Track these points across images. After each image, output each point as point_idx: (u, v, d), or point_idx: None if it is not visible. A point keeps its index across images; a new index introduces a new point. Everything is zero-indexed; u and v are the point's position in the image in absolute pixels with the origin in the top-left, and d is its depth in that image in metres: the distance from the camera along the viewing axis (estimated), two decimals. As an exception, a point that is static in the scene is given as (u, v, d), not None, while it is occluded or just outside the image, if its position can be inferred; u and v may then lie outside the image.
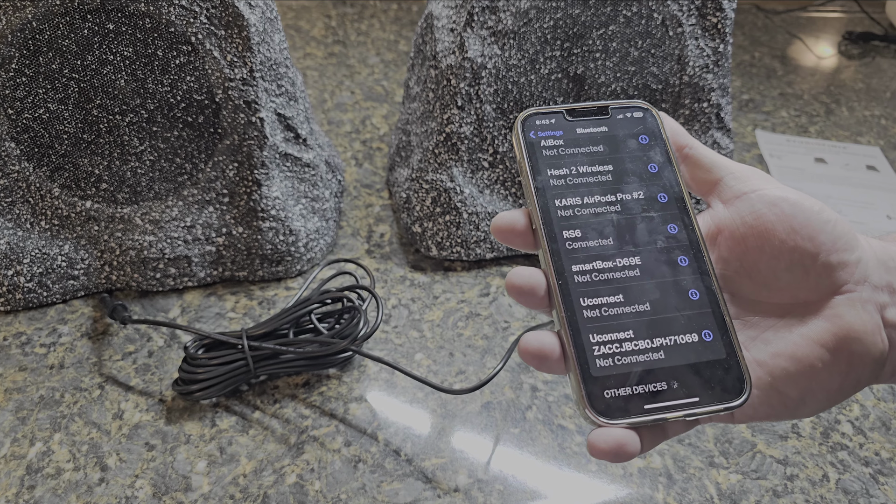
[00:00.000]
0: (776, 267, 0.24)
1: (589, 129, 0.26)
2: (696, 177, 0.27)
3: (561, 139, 0.26)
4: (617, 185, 0.26)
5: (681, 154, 0.27)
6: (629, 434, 0.22)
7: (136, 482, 0.38)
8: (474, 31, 0.47)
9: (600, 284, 0.24)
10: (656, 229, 0.25)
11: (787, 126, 0.75)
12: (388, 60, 0.81)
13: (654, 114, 0.27)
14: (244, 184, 0.48)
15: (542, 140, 0.26)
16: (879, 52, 0.91)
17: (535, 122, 0.26)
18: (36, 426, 0.41)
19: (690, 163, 0.27)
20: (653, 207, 0.25)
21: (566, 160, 0.26)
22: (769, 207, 0.24)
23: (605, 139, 0.26)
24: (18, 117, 0.44)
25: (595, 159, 0.26)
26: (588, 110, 0.27)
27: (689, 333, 0.24)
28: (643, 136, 0.27)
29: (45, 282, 0.48)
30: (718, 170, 0.26)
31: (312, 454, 0.40)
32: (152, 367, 0.45)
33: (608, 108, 0.27)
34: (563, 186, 0.25)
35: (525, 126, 0.26)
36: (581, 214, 0.25)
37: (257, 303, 0.50)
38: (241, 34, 0.45)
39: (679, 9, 0.49)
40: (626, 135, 0.26)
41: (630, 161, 0.26)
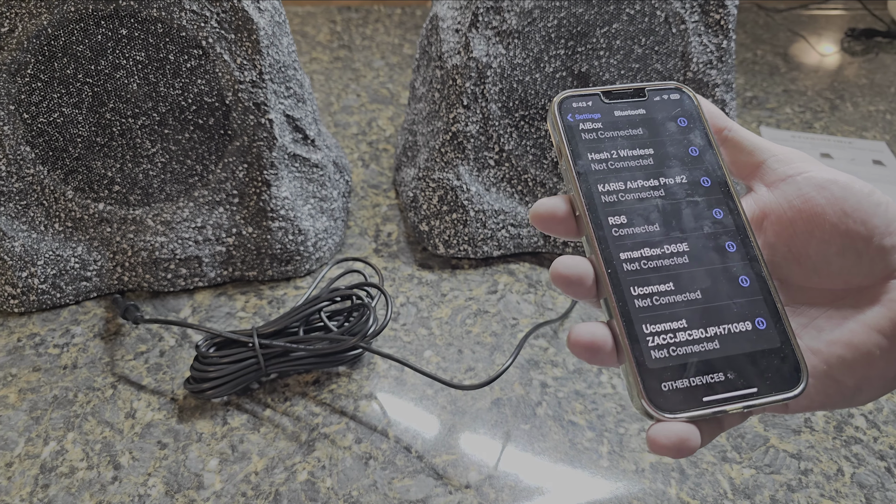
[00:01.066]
0: (827, 251, 0.23)
1: (627, 111, 0.26)
2: (737, 160, 0.26)
3: (599, 122, 0.25)
4: (659, 169, 0.25)
5: (720, 137, 0.26)
6: (690, 428, 0.21)
7: (149, 480, 0.39)
8: (479, 31, 0.48)
9: (650, 272, 0.23)
10: (702, 214, 0.24)
11: (791, 122, 0.75)
12: (393, 64, 0.82)
13: (690, 95, 0.26)
14: (254, 184, 0.49)
15: (580, 123, 0.25)
16: (882, 48, 0.92)
17: (572, 105, 0.25)
18: (50, 425, 0.42)
19: (731, 145, 0.26)
20: (697, 192, 0.25)
21: (606, 143, 0.25)
22: (818, 190, 0.23)
23: (643, 122, 0.26)
24: (34, 122, 0.45)
25: (635, 142, 0.25)
26: (625, 92, 0.26)
27: (742, 322, 0.23)
28: (682, 118, 0.26)
29: (59, 283, 0.49)
30: (761, 152, 0.25)
31: (323, 451, 0.41)
32: (164, 366, 0.45)
33: (645, 90, 0.26)
34: (606, 171, 0.24)
35: (562, 109, 0.25)
36: (625, 199, 0.24)
37: (267, 302, 0.50)
38: (250, 38, 0.45)
39: (682, 6, 0.49)
40: (664, 117, 0.26)
41: (671, 144, 0.25)
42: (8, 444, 0.40)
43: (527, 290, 0.52)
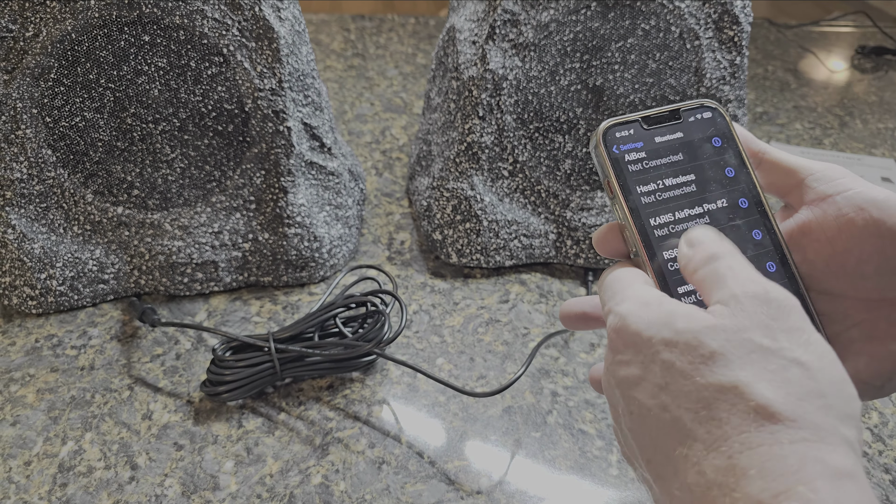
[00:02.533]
0: (864, 269, 0.24)
1: (666, 136, 0.26)
2: (775, 181, 0.27)
3: (643, 151, 0.26)
4: (702, 195, 0.26)
5: (756, 159, 0.27)
6: None
7: (166, 481, 0.39)
8: (496, 43, 0.49)
9: None
10: (744, 237, 0.25)
11: (801, 138, 0.76)
12: (407, 73, 0.83)
13: (721, 112, 0.27)
14: (271, 191, 0.50)
15: (625, 154, 0.26)
16: (892, 66, 0.92)
17: (616, 136, 0.26)
18: (67, 426, 0.42)
19: (768, 168, 0.27)
20: (737, 214, 0.26)
21: (652, 174, 0.26)
22: (857, 212, 0.24)
23: (682, 146, 0.26)
24: (55, 125, 0.46)
25: (678, 170, 0.26)
26: (662, 116, 0.26)
27: None
28: (716, 138, 0.27)
29: (77, 285, 0.49)
30: (800, 171, 0.26)
31: (337, 455, 0.41)
32: (180, 369, 0.46)
33: (679, 112, 0.27)
34: (655, 203, 0.25)
35: (607, 141, 0.26)
36: (675, 231, 0.25)
37: (281, 307, 0.51)
38: (270, 46, 0.46)
39: (696, 22, 0.50)
40: (700, 139, 0.27)
41: (709, 167, 0.26)
42: (27, 443, 0.41)
43: (538, 300, 0.53)
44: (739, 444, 0.19)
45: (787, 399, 0.19)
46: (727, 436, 0.19)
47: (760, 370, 0.20)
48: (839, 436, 0.19)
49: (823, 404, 0.19)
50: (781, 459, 0.18)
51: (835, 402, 0.20)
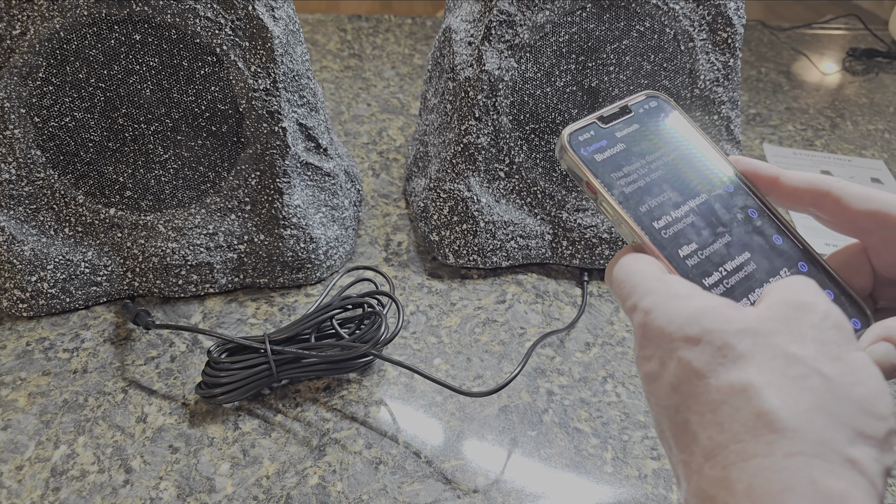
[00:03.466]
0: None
1: (625, 130, 0.27)
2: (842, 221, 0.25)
3: (608, 147, 0.27)
4: (678, 174, 0.26)
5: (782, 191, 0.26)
6: None
7: (161, 484, 0.39)
8: (492, 44, 0.49)
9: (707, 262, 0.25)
10: (722, 198, 0.26)
11: (793, 139, 0.76)
12: (404, 74, 0.83)
13: (664, 99, 0.28)
14: (266, 192, 0.49)
15: (594, 154, 0.26)
16: (882, 68, 0.93)
17: (579, 139, 0.27)
18: (60, 429, 0.42)
19: (832, 207, 0.25)
20: (709, 180, 0.26)
21: (625, 164, 0.26)
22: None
23: (644, 135, 0.27)
24: (45, 125, 0.45)
25: (649, 155, 0.27)
26: (614, 113, 0.27)
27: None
28: (669, 121, 0.28)
29: (69, 288, 0.49)
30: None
31: (334, 456, 0.41)
32: (175, 371, 0.46)
33: (629, 107, 0.28)
34: (640, 190, 0.26)
35: (573, 145, 0.26)
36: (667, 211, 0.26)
37: (278, 309, 0.51)
38: (265, 46, 0.46)
39: (690, 24, 0.50)
40: (655, 125, 0.27)
41: (674, 150, 0.27)
42: (18, 448, 0.40)
43: (534, 301, 0.53)
44: (735, 455, 0.18)
45: (794, 408, 0.18)
46: (725, 444, 0.18)
47: (777, 375, 0.19)
48: (843, 455, 0.18)
49: (835, 420, 0.18)
50: (771, 475, 0.17)
51: (851, 419, 0.18)
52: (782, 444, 0.18)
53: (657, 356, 0.21)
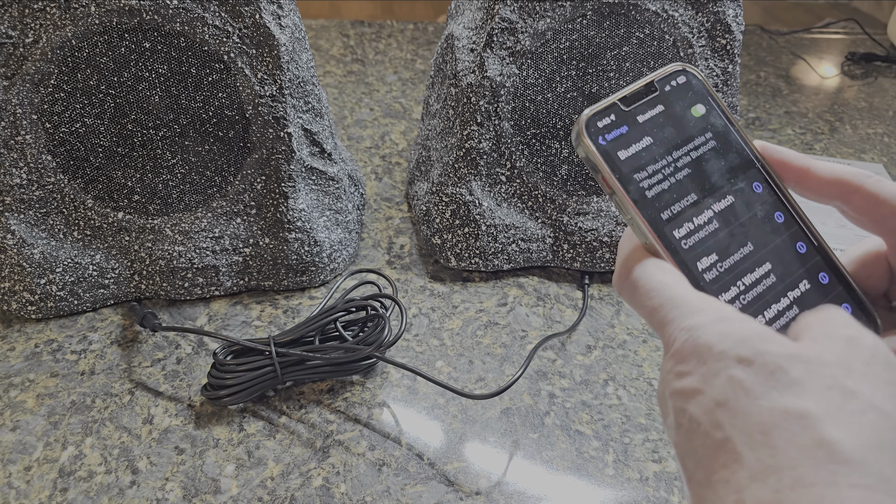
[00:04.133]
0: None
1: (648, 113, 0.25)
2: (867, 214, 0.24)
3: (630, 135, 0.24)
4: (699, 167, 0.24)
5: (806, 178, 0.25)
6: None
7: (167, 485, 0.39)
8: (494, 51, 0.49)
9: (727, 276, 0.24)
10: (749, 200, 0.24)
11: (792, 143, 0.77)
12: (406, 79, 0.83)
13: (692, 71, 0.25)
14: (271, 196, 0.50)
15: (614, 143, 0.24)
16: (881, 72, 0.94)
17: (598, 125, 0.24)
18: (68, 430, 0.42)
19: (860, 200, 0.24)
20: (737, 178, 0.25)
21: (647, 158, 0.24)
22: None
23: (667, 119, 0.25)
24: (55, 131, 0.46)
25: (669, 146, 0.25)
26: (638, 92, 0.25)
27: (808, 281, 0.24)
28: (697, 103, 0.25)
29: (77, 290, 0.50)
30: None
31: (338, 458, 0.41)
32: (181, 373, 0.46)
33: (654, 84, 0.25)
34: (660, 191, 0.24)
35: (591, 133, 0.24)
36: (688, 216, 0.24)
37: (282, 311, 0.51)
38: (271, 53, 0.47)
39: (689, 31, 0.51)
40: (682, 107, 0.25)
41: (698, 135, 0.25)
42: (26, 448, 0.41)
43: (535, 304, 0.53)
44: (791, 480, 0.17)
45: (857, 442, 0.17)
46: (779, 467, 0.18)
47: (836, 408, 0.18)
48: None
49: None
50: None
51: None
52: (847, 475, 0.17)
53: (699, 373, 0.20)
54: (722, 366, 0.20)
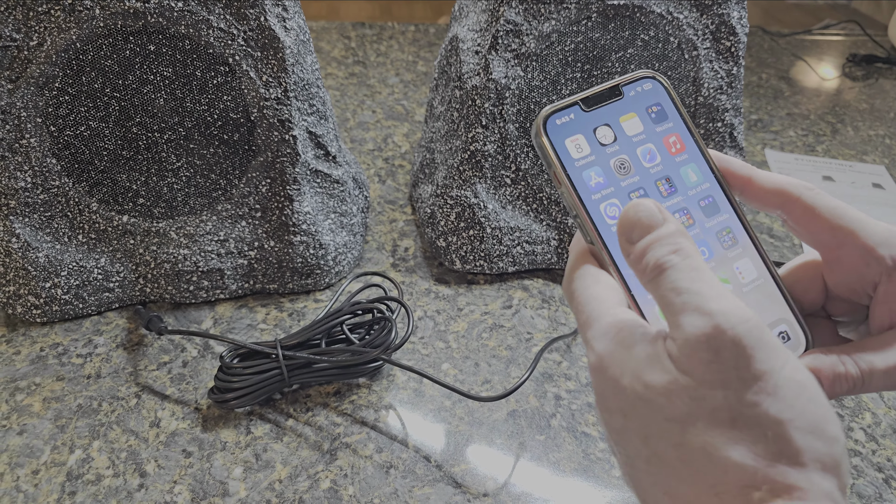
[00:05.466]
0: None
1: (610, 116, 0.25)
2: (806, 227, 0.24)
3: (587, 136, 0.25)
4: (657, 175, 0.25)
5: (750, 189, 0.25)
6: None
7: (175, 488, 0.39)
8: (499, 53, 0.50)
9: None
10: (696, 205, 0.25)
11: (795, 145, 0.77)
12: (408, 81, 0.83)
13: (661, 81, 0.26)
14: (276, 199, 0.50)
15: (569, 142, 0.25)
16: (882, 73, 0.94)
17: (556, 123, 0.25)
18: (75, 434, 0.42)
19: (799, 213, 0.24)
20: (689, 186, 0.25)
21: (599, 159, 0.25)
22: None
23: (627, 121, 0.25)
24: (60, 134, 0.46)
25: (630, 150, 0.25)
26: (602, 94, 0.25)
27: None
28: (659, 108, 0.26)
29: (82, 294, 0.50)
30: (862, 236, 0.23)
31: (345, 460, 0.41)
32: (187, 376, 0.46)
33: (619, 88, 0.26)
34: (606, 192, 0.25)
35: (548, 130, 0.25)
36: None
37: (287, 314, 0.51)
38: (276, 56, 0.47)
39: (694, 33, 0.51)
40: (643, 112, 0.26)
41: (656, 140, 0.25)
42: (34, 452, 0.41)
43: (540, 306, 0.53)
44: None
45: (757, 461, 0.18)
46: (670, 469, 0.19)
47: (729, 431, 0.19)
48: (821, 491, 0.18)
49: (800, 460, 0.18)
50: None
51: (814, 452, 0.19)
52: (760, 496, 0.19)
53: (618, 409, 0.22)
54: (631, 404, 0.21)
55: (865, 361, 0.22)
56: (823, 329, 0.26)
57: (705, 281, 0.20)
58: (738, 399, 0.19)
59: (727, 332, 0.19)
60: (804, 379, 0.19)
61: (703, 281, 0.20)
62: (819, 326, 0.26)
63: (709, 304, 0.20)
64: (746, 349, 0.19)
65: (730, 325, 0.19)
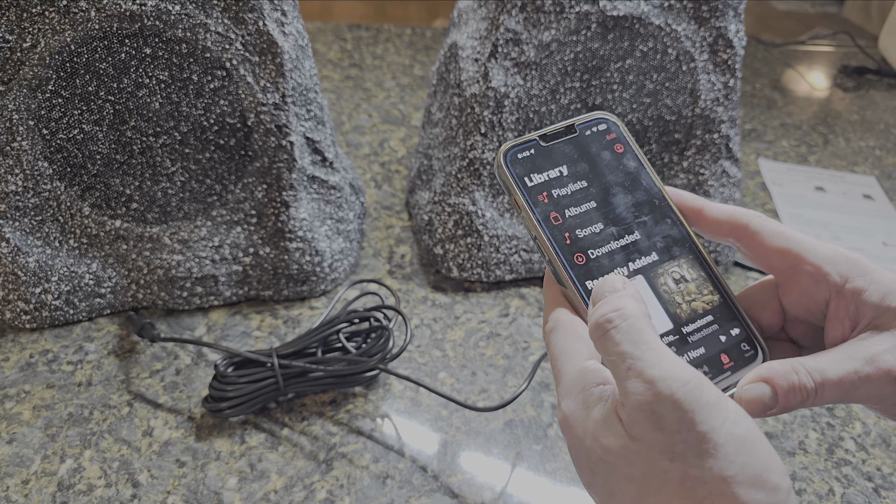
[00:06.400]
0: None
1: (565, 150, 0.27)
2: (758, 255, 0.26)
3: (544, 168, 0.27)
4: (608, 202, 0.27)
5: (702, 220, 0.27)
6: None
7: (169, 498, 0.39)
8: (498, 61, 0.49)
9: None
10: (651, 232, 0.27)
11: (787, 155, 0.78)
12: (404, 84, 0.83)
13: (614, 121, 0.28)
14: (272, 205, 0.50)
15: (528, 174, 0.27)
16: (873, 85, 0.95)
17: (517, 156, 0.27)
18: (66, 443, 0.42)
19: (749, 240, 0.26)
20: (642, 212, 0.27)
21: (556, 189, 0.27)
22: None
23: (582, 157, 0.27)
24: (53, 137, 0.45)
25: (581, 181, 0.27)
26: (559, 132, 0.28)
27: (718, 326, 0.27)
28: (615, 145, 0.28)
29: (73, 300, 0.49)
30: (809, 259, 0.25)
31: (341, 470, 0.41)
32: (180, 384, 0.46)
33: (574, 126, 0.28)
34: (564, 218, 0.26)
35: (508, 161, 0.27)
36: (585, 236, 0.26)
37: (282, 322, 0.51)
38: (274, 61, 0.46)
39: (692, 45, 0.51)
40: (598, 149, 0.28)
41: (611, 175, 0.27)
42: (24, 462, 0.40)
43: (537, 314, 0.53)
44: None
45: None
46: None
47: (678, 489, 0.20)
48: None
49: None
50: None
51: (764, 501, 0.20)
52: None
53: (585, 465, 0.23)
54: (593, 463, 0.22)
55: (818, 372, 0.23)
56: (786, 352, 0.27)
57: (647, 343, 0.21)
58: (683, 461, 0.20)
59: (667, 397, 0.20)
60: (743, 431, 0.20)
61: (645, 343, 0.21)
62: (782, 350, 0.27)
63: (650, 371, 0.21)
64: (687, 413, 0.20)
65: (670, 390, 0.20)
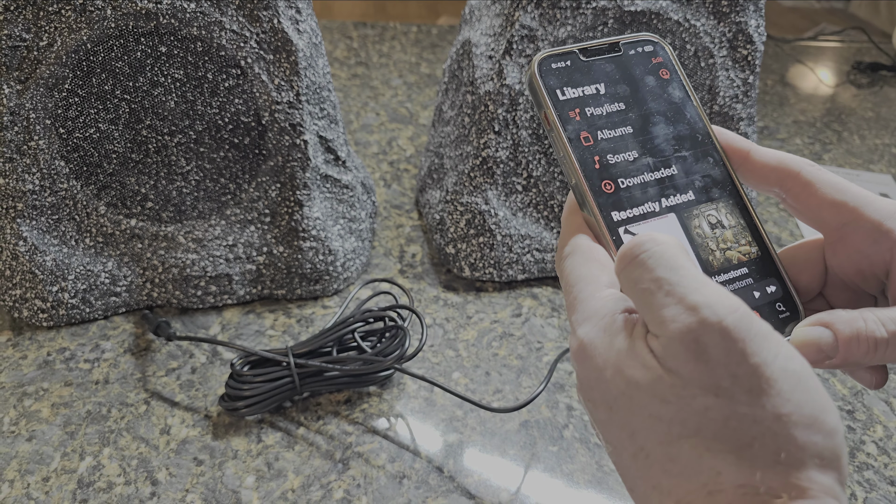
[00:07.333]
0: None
1: (605, 68, 0.25)
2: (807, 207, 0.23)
3: (581, 84, 0.25)
4: (647, 129, 0.25)
5: (750, 164, 0.24)
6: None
7: (187, 496, 0.39)
8: (513, 58, 0.49)
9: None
10: (691, 169, 0.25)
11: (802, 153, 0.77)
12: (411, 83, 0.83)
13: (662, 45, 0.26)
14: (286, 204, 0.50)
15: (563, 87, 0.24)
16: (887, 81, 0.94)
17: (552, 66, 0.24)
18: (85, 440, 0.42)
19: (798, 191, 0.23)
20: (683, 146, 0.25)
21: (592, 108, 0.24)
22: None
23: (623, 79, 0.25)
24: (69, 136, 0.45)
25: (619, 99, 0.25)
26: (601, 48, 0.25)
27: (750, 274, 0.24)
28: (661, 70, 0.26)
29: (89, 298, 0.49)
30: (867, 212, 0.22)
31: (358, 470, 0.41)
32: (196, 383, 0.46)
33: (619, 45, 0.26)
34: (596, 140, 0.24)
35: (542, 72, 0.24)
36: (618, 162, 0.24)
37: (295, 321, 0.51)
38: (289, 59, 0.46)
39: (711, 41, 0.51)
40: (642, 71, 0.25)
41: (651, 99, 0.25)
42: (44, 459, 0.41)
43: (550, 314, 0.53)
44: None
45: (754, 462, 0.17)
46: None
47: (721, 430, 0.18)
48: (821, 488, 0.17)
49: (800, 457, 0.17)
50: None
51: (814, 448, 0.17)
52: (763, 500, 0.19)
53: (602, 401, 0.21)
54: (614, 396, 0.20)
55: (893, 321, 0.20)
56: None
57: (686, 268, 0.19)
58: (729, 397, 0.17)
59: (714, 325, 0.18)
60: (798, 367, 0.18)
61: (684, 268, 0.19)
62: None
63: (692, 297, 0.18)
64: (737, 342, 0.17)
65: (717, 317, 0.18)
